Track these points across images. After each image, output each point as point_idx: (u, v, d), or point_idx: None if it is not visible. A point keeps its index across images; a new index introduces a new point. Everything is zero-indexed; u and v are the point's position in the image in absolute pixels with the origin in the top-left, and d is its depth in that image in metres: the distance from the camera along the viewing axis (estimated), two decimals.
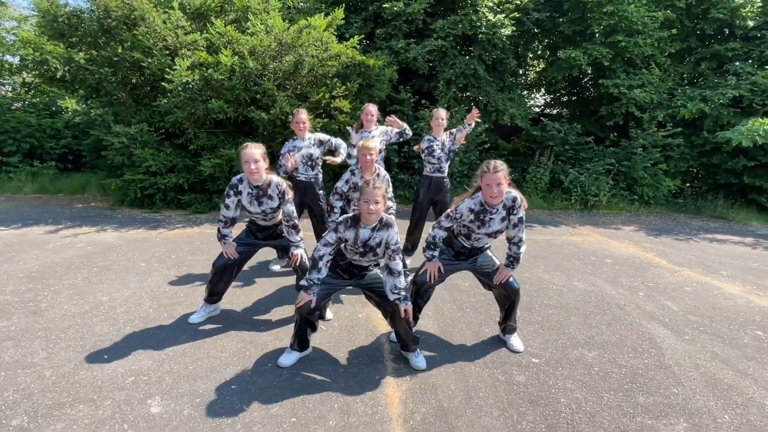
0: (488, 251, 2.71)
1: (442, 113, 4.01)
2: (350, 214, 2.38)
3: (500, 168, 2.36)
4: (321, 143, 3.91)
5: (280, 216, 2.91)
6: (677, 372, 2.57)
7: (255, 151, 2.64)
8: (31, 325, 2.81)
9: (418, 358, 2.51)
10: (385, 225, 2.35)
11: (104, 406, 2.04)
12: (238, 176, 2.76)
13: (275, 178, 2.78)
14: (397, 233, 2.39)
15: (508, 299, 2.69)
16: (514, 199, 2.50)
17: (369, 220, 2.30)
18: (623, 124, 9.72)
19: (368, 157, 3.14)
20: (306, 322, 2.43)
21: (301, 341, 2.49)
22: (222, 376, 2.33)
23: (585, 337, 2.99)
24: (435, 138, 4.03)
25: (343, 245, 2.41)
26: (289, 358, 2.47)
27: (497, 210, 2.48)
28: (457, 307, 3.42)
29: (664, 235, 6.68)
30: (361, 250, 2.35)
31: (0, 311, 2.99)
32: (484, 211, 2.48)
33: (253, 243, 2.96)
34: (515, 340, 2.79)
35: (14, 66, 11.69)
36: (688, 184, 10.41)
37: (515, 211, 2.50)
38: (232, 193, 2.74)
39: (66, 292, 3.38)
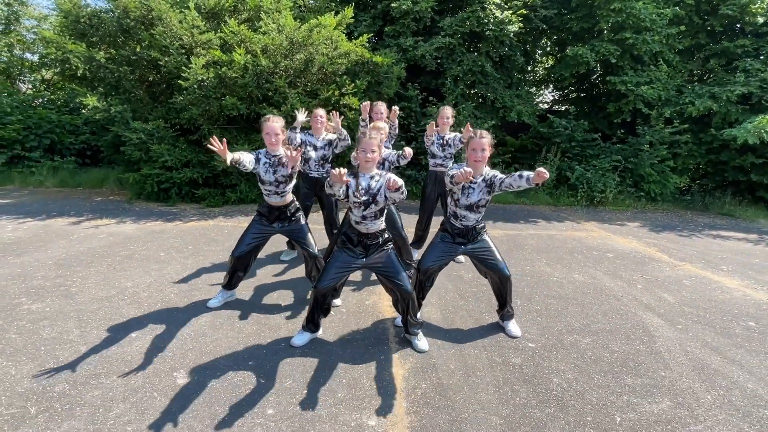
0: (486, 237, 2.86)
1: (448, 111, 4.14)
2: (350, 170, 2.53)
3: (485, 136, 2.55)
4: (330, 143, 4.04)
5: (289, 197, 3.09)
6: (666, 357, 2.72)
7: (276, 125, 2.89)
8: (64, 307, 3.05)
9: (421, 342, 2.69)
10: (383, 175, 2.47)
11: (135, 377, 2.26)
12: (258, 151, 3.00)
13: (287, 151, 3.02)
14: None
15: (501, 286, 2.86)
16: (495, 174, 2.61)
17: (366, 167, 2.44)
18: (631, 121, 9.74)
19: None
20: (320, 304, 2.61)
21: (313, 322, 2.68)
22: (240, 354, 2.53)
23: (581, 325, 3.14)
24: (440, 135, 4.18)
25: (349, 204, 2.49)
26: (301, 338, 2.67)
27: (477, 182, 2.62)
28: (459, 296, 3.58)
29: (667, 231, 6.75)
30: (364, 197, 2.42)
31: (35, 294, 3.24)
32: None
33: (264, 230, 3.11)
34: (513, 326, 2.96)
35: (34, 64, 12.07)
36: (697, 182, 10.40)
37: (497, 178, 2.57)
38: (254, 157, 2.94)
39: (93, 278, 3.62)
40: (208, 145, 2.61)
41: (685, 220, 7.83)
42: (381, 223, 2.56)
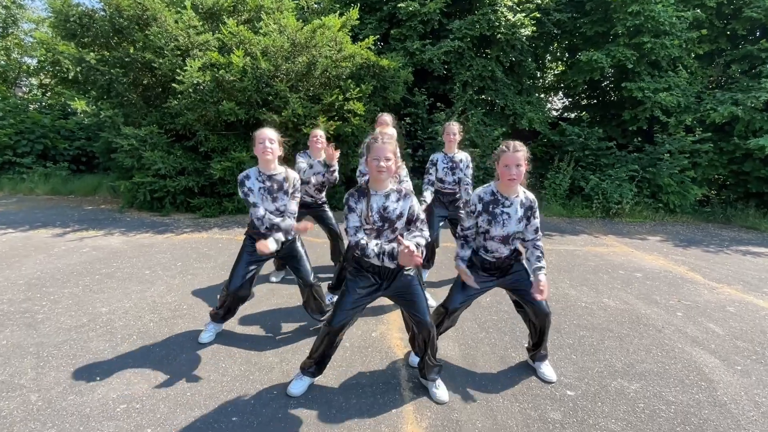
0: (522, 268, 2.42)
1: (454, 128, 3.62)
2: (356, 187, 2.07)
3: (520, 148, 2.09)
4: (328, 168, 3.60)
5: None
6: (735, 411, 2.27)
7: (270, 131, 2.42)
8: (23, 339, 2.63)
9: (440, 390, 2.25)
10: (404, 195, 2.03)
11: None
12: (243, 173, 2.47)
13: (293, 173, 2.56)
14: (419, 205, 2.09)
15: (539, 323, 2.41)
16: (534, 200, 2.25)
17: (379, 181, 1.97)
18: (646, 130, 9.32)
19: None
20: (332, 345, 2.18)
21: (319, 364, 2.25)
22: (222, 406, 2.10)
23: (623, 365, 2.69)
24: (446, 155, 3.71)
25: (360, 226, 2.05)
26: (300, 386, 2.23)
27: (512, 203, 2.19)
28: (479, 327, 3.14)
29: (693, 247, 6.29)
30: (379, 224, 1.99)
31: None
32: (496, 201, 2.20)
33: (258, 257, 2.65)
34: (546, 368, 2.52)
35: (31, 68, 11.81)
36: (714, 192, 9.92)
37: (535, 215, 2.23)
38: (246, 189, 2.45)
39: (65, 302, 3.21)
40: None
41: (708, 234, 7.37)
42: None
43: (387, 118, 3.65)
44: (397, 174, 2.06)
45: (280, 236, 2.45)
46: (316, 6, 8.39)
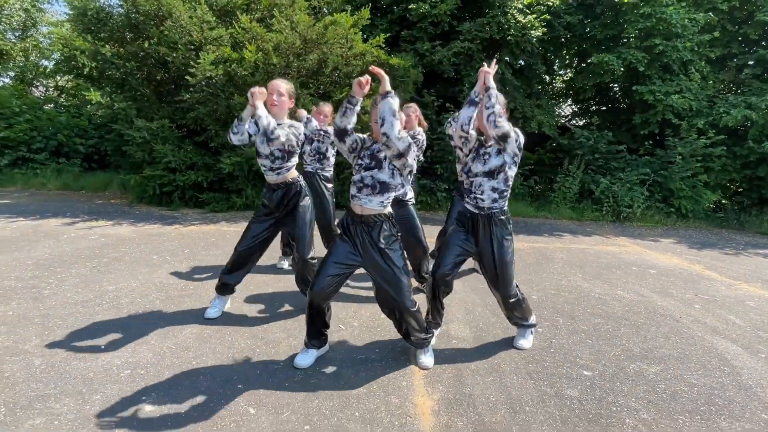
0: (508, 239, 2.36)
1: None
2: None
3: (499, 95, 2.24)
4: (327, 134, 3.58)
5: (290, 175, 2.63)
6: (761, 395, 2.16)
7: (281, 83, 2.48)
8: (29, 311, 2.61)
9: (425, 357, 2.25)
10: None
11: (92, 401, 1.78)
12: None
13: (297, 124, 2.57)
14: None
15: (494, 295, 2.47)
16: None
17: (380, 137, 2.04)
18: (657, 134, 9.23)
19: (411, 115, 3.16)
20: (316, 312, 2.14)
21: (317, 335, 2.20)
22: (228, 374, 2.05)
23: (641, 350, 2.59)
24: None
25: (354, 161, 2.14)
26: (306, 358, 2.18)
27: (491, 145, 2.27)
28: (490, 312, 3.07)
29: (708, 249, 6.15)
30: (366, 162, 2.08)
31: (1, 296, 2.80)
32: (481, 145, 2.32)
33: (268, 220, 2.67)
34: (522, 339, 2.55)
35: (49, 70, 12.07)
36: (727, 197, 9.74)
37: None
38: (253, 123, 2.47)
39: (72, 280, 3.19)
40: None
41: (723, 238, 7.21)
42: (381, 207, 2.06)
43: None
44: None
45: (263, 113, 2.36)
46: (326, 9, 8.50)
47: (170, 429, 1.65)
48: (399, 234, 2.20)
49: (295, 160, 2.63)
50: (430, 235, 4.13)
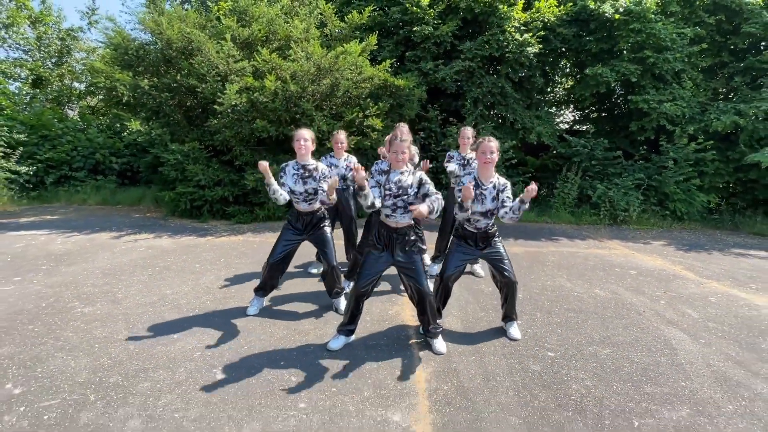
0: (499, 244, 3.02)
1: (468, 132, 4.27)
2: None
3: (492, 140, 2.83)
4: (349, 166, 4.26)
5: (317, 205, 3.29)
6: (688, 369, 2.73)
7: (305, 131, 3.17)
8: (112, 310, 3.33)
9: (439, 344, 2.83)
10: (415, 174, 2.73)
11: (179, 372, 2.46)
12: (285, 163, 3.25)
13: (322, 165, 3.25)
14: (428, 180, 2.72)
15: (506, 291, 3.04)
16: (506, 184, 2.89)
17: (398, 165, 2.67)
18: (654, 140, 9.68)
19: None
20: (358, 305, 2.81)
21: (351, 325, 2.86)
22: (271, 355, 2.72)
23: (600, 337, 3.18)
24: (459, 153, 4.33)
25: (383, 192, 2.70)
26: (337, 342, 2.85)
27: (488, 188, 2.86)
28: (480, 308, 3.68)
29: (695, 250, 6.63)
30: (394, 190, 2.64)
31: (86, 299, 3.53)
32: (477, 186, 2.88)
33: (294, 237, 3.31)
34: (513, 329, 3.12)
35: (81, 92, 13.08)
36: (721, 198, 10.12)
37: (505, 191, 2.88)
38: (282, 173, 3.20)
39: (136, 286, 3.91)
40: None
41: (713, 239, 7.66)
42: (409, 220, 2.74)
43: (405, 128, 4.25)
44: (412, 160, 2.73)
45: (324, 197, 3.08)
46: (338, 33, 9.22)
47: (236, 389, 2.31)
48: (421, 235, 2.91)
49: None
50: (430, 239, 4.76)
